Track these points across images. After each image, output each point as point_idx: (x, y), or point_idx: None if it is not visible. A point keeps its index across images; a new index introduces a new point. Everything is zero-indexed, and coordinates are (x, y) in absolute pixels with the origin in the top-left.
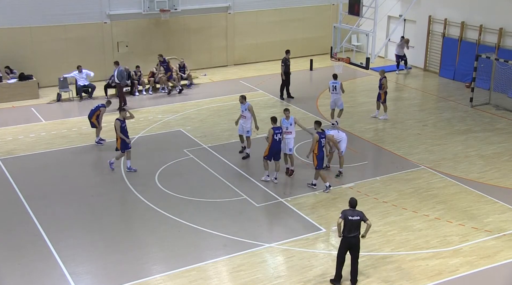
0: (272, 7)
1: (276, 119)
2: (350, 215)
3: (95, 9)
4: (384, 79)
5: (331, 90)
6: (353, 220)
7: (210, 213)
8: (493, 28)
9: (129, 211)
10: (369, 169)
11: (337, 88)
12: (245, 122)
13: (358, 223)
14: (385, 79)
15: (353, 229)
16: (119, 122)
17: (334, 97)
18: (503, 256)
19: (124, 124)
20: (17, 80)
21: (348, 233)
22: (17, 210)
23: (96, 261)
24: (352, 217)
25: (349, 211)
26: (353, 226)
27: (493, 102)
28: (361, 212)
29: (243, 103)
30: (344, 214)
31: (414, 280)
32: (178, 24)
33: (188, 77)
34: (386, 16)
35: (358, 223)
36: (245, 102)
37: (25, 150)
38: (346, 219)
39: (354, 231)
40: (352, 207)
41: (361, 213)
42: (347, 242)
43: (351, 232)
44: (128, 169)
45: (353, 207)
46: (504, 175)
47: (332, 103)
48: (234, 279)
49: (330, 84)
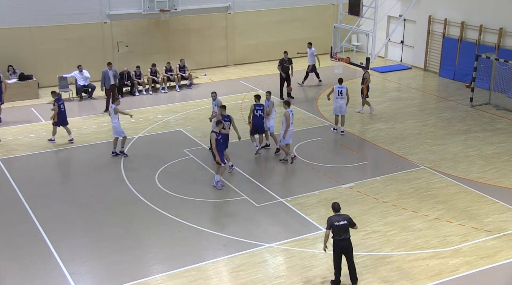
0: (272, 7)
1: (260, 97)
2: (335, 221)
3: (95, 9)
4: (366, 73)
5: (337, 94)
6: (340, 225)
7: (210, 213)
8: (493, 28)
9: (129, 211)
10: (369, 169)
11: (343, 93)
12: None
13: (346, 227)
14: (367, 73)
15: (341, 232)
16: (214, 135)
17: (340, 102)
18: (503, 256)
19: (220, 136)
20: (17, 80)
21: (338, 236)
22: (17, 210)
23: (96, 261)
24: (339, 223)
25: (334, 217)
26: (341, 230)
27: (493, 102)
28: (348, 216)
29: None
30: (330, 222)
31: (414, 280)
32: (178, 24)
33: (188, 77)
34: (386, 16)
35: (346, 227)
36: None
37: (25, 150)
38: (332, 226)
39: (344, 234)
40: (336, 212)
41: (348, 217)
42: (339, 246)
43: (340, 235)
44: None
45: (337, 211)
46: (504, 175)
47: (337, 108)
48: (234, 279)
49: (336, 89)
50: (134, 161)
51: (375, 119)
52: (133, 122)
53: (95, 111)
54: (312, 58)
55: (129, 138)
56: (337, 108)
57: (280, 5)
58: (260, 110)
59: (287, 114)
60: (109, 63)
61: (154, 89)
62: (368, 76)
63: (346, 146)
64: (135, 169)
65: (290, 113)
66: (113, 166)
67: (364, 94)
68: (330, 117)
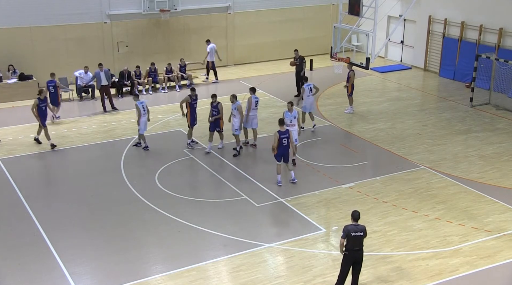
0: (272, 7)
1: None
2: (353, 231)
3: (95, 9)
4: (351, 72)
5: (308, 93)
6: (356, 236)
7: (210, 213)
8: (493, 28)
9: (129, 211)
10: (369, 169)
11: (312, 90)
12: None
13: (362, 238)
14: (352, 72)
15: (357, 244)
16: (278, 135)
17: (311, 99)
18: (503, 256)
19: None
20: (17, 80)
21: (352, 247)
22: (17, 210)
23: (96, 261)
24: (356, 233)
25: (352, 227)
26: (356, 242)
27: (493, 102)
28: (364, 227)
29: (233, 103)
30: (347, 231)
31: (414, 280)
32: (178, 24)
33: (188, 77)
34: (386, 16)
35: (361, 238)
36: (235, 101)
37: (25, 150)
38: (349, 235)
39: (358, 245)
40: (355, 221)
41: (364, 229)
42: (352, 257)
43: (355, 246)
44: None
45: (356, 221)
46: (504, 175)
47: (309, 106)
48: (234, 279)
49: (306, 87)
50: (134, 161)
51: (375, 119)
52: (133, 122)
53: (95, 111)
54: (212, 54)
55: (129, 138)
56: (308, 106)
57: (280, 5)
58: (286, 138)
59: (250, 99)
60: (100, 64)
61: (154, 89)
62: (352, 75)
63: (346, 146)
64: (135, 169)
65: (254, 100)
66: (113, 166)
67: (349, 92)
68: (330, 117)
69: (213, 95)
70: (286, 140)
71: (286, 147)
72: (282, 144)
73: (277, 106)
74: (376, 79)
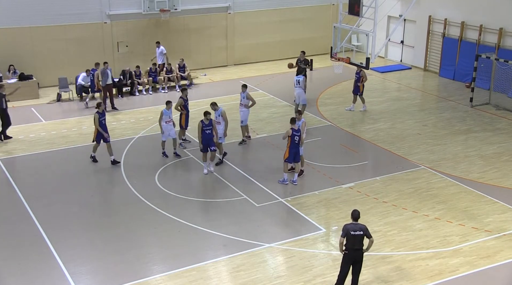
0: (272, 7)
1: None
2: (352, 229)
3: (95, 9)
4: (362, 71)
5: (295, 84)
6: (355, 235)
7: (210, 213)
8: (493, 28)
9: (129, 211)
10: (369, 169)
11: (300, 82)
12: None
13: (361, 238)
14: (363, 71)
15: (356, 243)
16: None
17: (298, 91)
18: (503, 256)
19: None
20: (17, 80)
21: (352, 246)
22: (17, 210)
23: (96, 261)
24: (355, 232)
25: (351, 225)
26: (356, 240)
27: (493, 102)
28: (365, 226)
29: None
30: (346, 230)
31: (414, 280)
32: (178, 24)
33: (188, 77)
34: (386, 16)
35: (361, 237)
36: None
37: (25, 150)
38: (348, 234)
39: (358, 244)
40: (354, 220)
41: (364, 228)
42: (352, 256)
43: (355, 245)
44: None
45: (355, 220)
46: (504, 175)
47: (296, 97)
48: (234, 279)
49: (295, 79)
50: (134, 161)
51: (375, 119)
52: (133, 122)
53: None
54: (162, 57)
55: (129, 138)
56: (296, 97)
57: (280, 5)
58: (297, 136)
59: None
60: (105, 62)
61: (154, 89)
62: (364, 74)
63: (346, 146)
64: (135, 169)
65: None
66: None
67: (360, 91)
68: (330, 117)
69: (205, 113)
70: (297, 138)
71: (297, 145)
72: (294, 141)
73: (277, 106)
74: (376, 79)
